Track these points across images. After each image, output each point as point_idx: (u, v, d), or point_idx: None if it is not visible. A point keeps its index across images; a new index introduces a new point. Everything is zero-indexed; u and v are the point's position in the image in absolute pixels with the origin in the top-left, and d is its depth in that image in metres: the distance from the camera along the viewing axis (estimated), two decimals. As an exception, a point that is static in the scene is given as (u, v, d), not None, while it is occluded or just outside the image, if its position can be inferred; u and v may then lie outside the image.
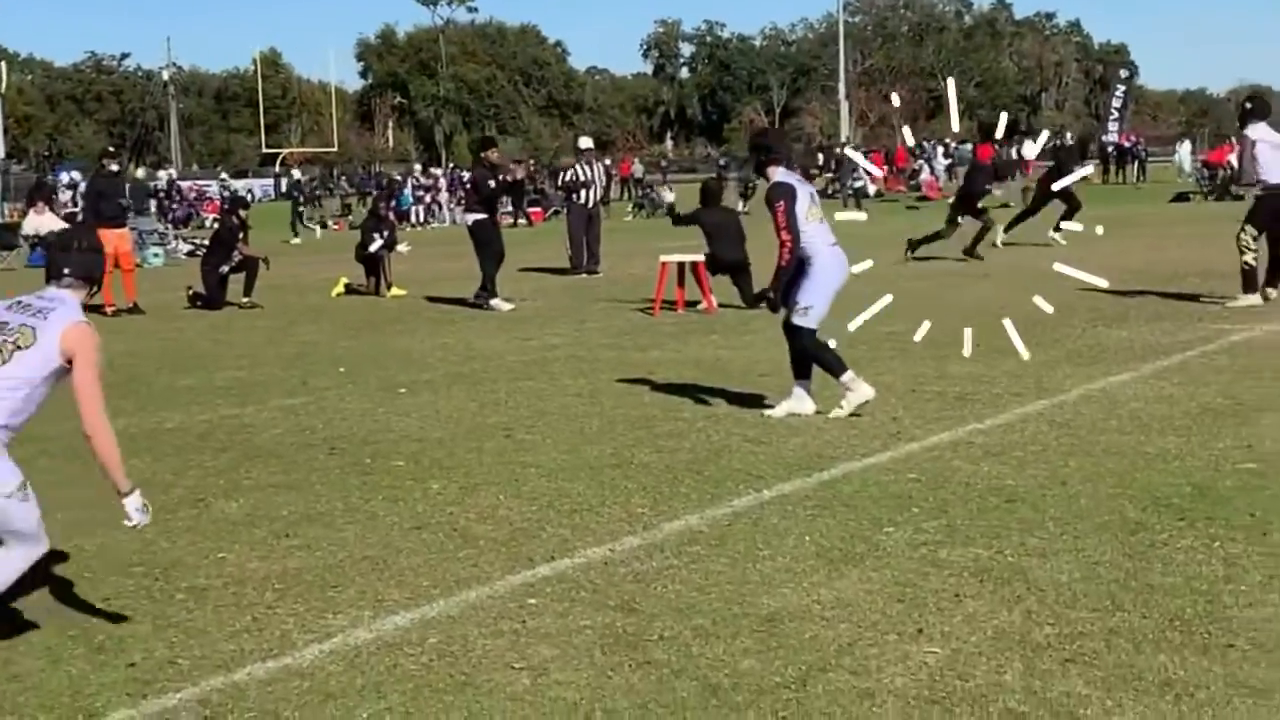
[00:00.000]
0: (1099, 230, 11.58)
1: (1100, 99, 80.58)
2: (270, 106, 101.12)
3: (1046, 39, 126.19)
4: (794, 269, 9.67)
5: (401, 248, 21.68)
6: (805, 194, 9.76)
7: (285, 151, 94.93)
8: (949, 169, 57.71)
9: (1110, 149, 60.97)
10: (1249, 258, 15.27)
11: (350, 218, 45.72)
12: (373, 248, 20.70)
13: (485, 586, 6.13)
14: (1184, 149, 61.18)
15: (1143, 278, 17.98)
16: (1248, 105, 16.35)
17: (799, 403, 9.80)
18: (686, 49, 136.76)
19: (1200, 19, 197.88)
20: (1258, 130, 15.46)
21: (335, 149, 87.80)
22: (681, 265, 17.49)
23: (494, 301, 18.05)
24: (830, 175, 50.88)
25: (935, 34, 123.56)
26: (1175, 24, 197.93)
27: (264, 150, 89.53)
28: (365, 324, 17.12)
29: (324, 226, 44.25)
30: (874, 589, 5.90)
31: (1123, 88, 66.33)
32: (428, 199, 48.11)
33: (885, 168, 59.60)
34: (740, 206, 40.82)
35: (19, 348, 5.33)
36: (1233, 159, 33.76)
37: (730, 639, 5.33)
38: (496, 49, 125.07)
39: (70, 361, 5.35)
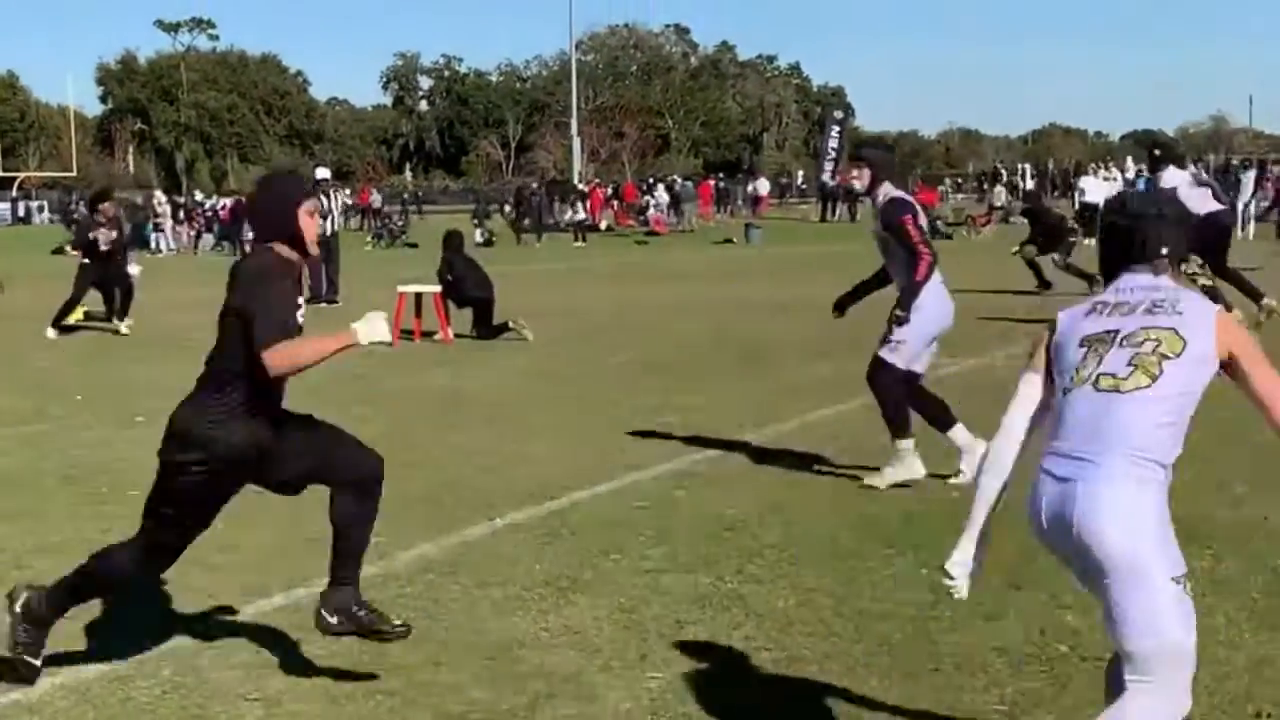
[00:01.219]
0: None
1: (818, 139, 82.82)
2: (7, 130, 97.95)
3: (768, 80, 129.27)
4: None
5: (132, 268, 21.27)
6: (921, 215, 8.69)
7: (23, 175, 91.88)
8: (672, 205, 59.11)
9: (830, 187, 62.85)
10: (1204, 282, 15.46)
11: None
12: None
13: (220, 616, 6.16)
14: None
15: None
16: (1156, 153, 16.77)
17: (968, 458, 8.46)
18: (425, 82, 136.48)
19: (913, 64, 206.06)
20: (1173, 176, 15.78)
21: (74, 174, 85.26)
22: (419, 296, 17.63)
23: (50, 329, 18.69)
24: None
25: (663, 74, 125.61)
26: (890, 68, 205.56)
27: (0, 174, 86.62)
28: (104, 352, 16.78)
29: (59, 252, 43.39)
30: (600, 616, 6.08)
31: (838, 129, 68.06)
32: (165, 226, 47.80)
33: (615, 203, 60.74)
34: (478, 238, 41.19)
35: (1167, 356, 3.90)
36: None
37: (461, 667, 5.45)
38: (238, 77, 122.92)
39: (1226, 363, 3.95)
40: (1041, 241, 22.75)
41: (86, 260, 19.18)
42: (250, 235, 42.59)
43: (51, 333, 18.61)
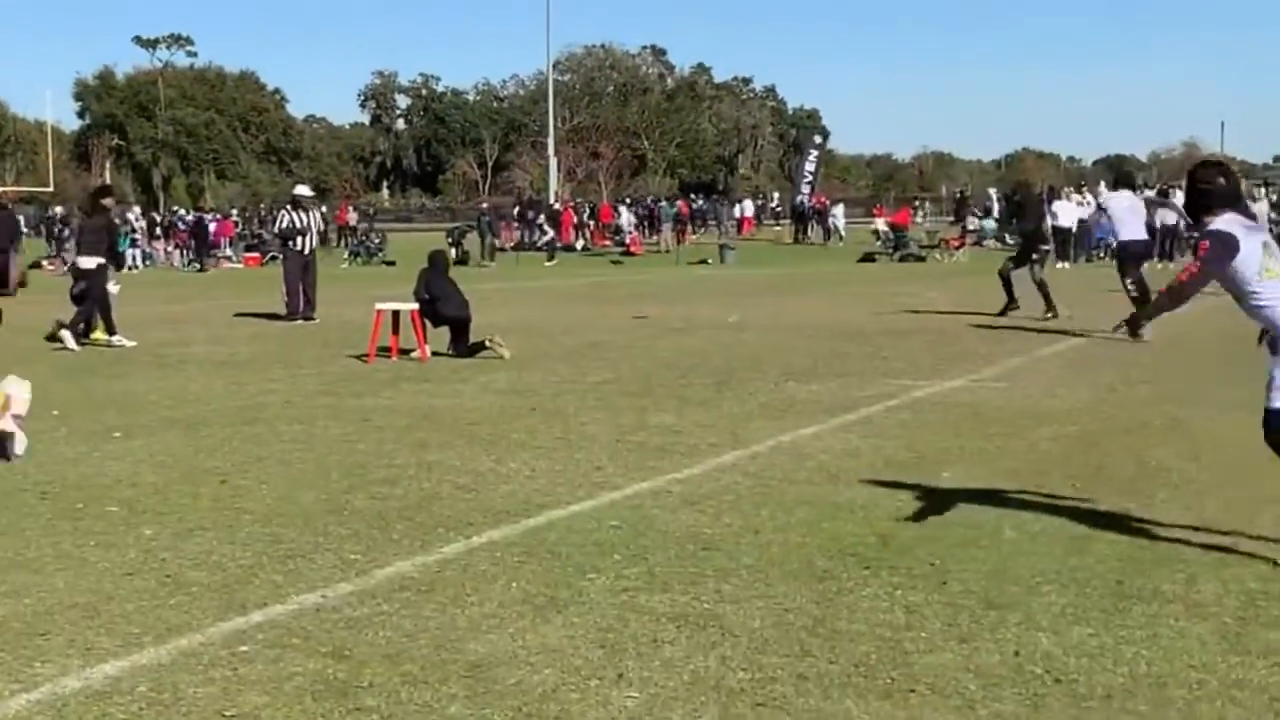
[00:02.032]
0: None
1: (793, 161, 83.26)
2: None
3: (744, 102, 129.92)
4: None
5: (111, 286, 21.25)
6: (1255, 244, 7.47)
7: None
8: (649, 225, 59.50)
9: (805, 209, 63.26)
10: (1133, 292, 18.59)
11: (64, 258, 44.67)
12: (77, 289, 20.27)
13: (197, 633, 6.13)
14: (838, 211, 64.47)
15: (828, 331, 18.75)
16: (1115, 178, 21.57)
17: None
18: (403, 101, 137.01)
19: (888, 87, 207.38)
20: (1118, 196, 20.19)
21: (51, 189, 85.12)
22: (396, 313, 17.65)
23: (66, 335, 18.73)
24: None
25: (639, 95, 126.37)
26: (865, 91, 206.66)
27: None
28: (80, 366, 16.71)
29: (36, 266, 43.38)
30: (577, 635, 6.08)
31: (816, 152, 68.46)
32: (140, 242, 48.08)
33: (592, 223, 61.08)
34: (454, 254, 41.18)
35: None
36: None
37: (438, 685, 5.45)
38: (216, 94, 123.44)
39: None
40: (1021, 247, 22.90)
41: (101, 263, 19.24)
42: (228, 251, 42.16)
43: (113, 337, 18.71)
